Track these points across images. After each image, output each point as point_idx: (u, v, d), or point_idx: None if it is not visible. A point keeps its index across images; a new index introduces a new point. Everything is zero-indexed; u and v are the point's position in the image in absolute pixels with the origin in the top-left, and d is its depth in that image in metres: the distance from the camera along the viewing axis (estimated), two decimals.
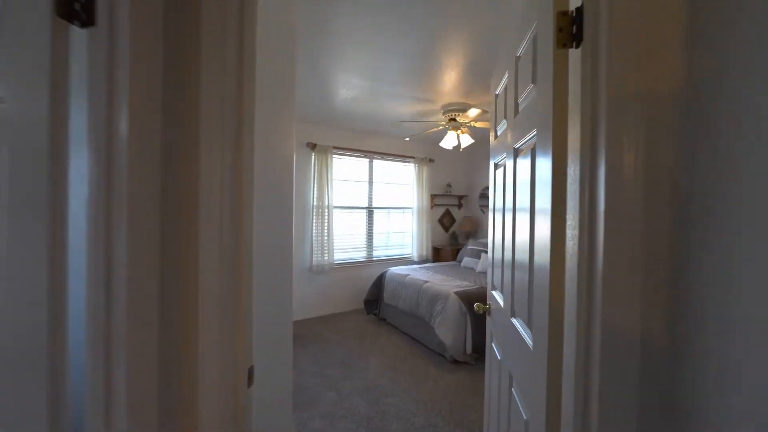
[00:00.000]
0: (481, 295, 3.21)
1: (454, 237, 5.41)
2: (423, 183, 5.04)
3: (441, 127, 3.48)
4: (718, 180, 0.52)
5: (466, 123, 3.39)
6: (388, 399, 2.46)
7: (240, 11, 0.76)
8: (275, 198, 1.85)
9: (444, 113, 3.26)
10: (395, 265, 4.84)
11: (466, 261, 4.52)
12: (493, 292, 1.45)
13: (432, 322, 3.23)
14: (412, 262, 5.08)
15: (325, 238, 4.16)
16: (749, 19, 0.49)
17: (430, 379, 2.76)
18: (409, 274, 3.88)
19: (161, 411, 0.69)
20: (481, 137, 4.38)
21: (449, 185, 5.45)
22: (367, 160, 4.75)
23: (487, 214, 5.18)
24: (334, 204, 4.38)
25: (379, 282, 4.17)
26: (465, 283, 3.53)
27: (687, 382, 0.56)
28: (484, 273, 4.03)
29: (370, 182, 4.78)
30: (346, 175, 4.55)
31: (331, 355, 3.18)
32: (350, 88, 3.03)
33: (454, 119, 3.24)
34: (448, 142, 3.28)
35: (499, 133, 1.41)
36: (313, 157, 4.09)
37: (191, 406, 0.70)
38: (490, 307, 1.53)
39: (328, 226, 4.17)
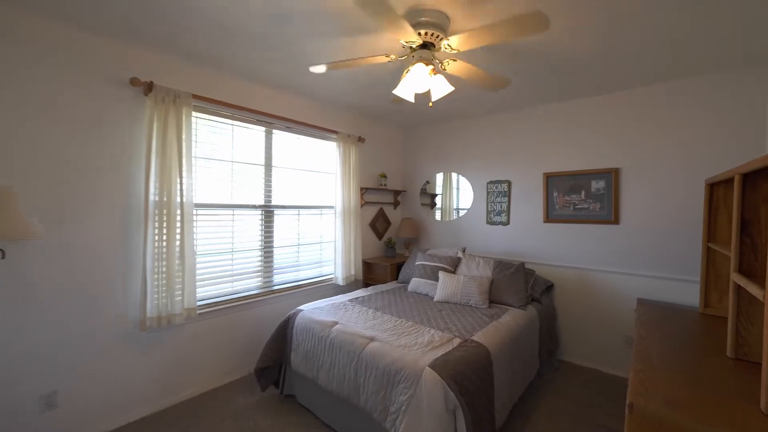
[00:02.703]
0: (478, 362, 1.80)
1: (390, 246, 3.97)
2: (350, 171, 3.45)
3: (391, 59, 1.93)
4: None
5: (445, 56, 1.92)
6: None
7: None
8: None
9: (420, 27, 1.72)
10: (310, 298, 3.13)
11: (417, 284, 3.10)
12: None
13: (389, 425, 1.68)
14: (336, 289, 3.45)
15: (176, 263, 2.21)
16: None
17: None
18: (336, 322, 2.24)
19: None
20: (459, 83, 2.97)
21: (384, 176, 3.98)
22: (263, 129, 2.93)
23: (434, 216, 3.87)
24: (197, 200, 2.46)
25: (283, 334, 2.42)
26: (436, 334, 2.07)
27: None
28: (453, 306, 2.65)
29: (268, 166, 2.97)
30: (222, 151, 2.66)
31: None
32: None
33: (428, 45, 1.76)
34: (413, 84, 1.78)
35: None
36: (147, 110, 2.10)
37: None
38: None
39: (182, 240, 2.23)
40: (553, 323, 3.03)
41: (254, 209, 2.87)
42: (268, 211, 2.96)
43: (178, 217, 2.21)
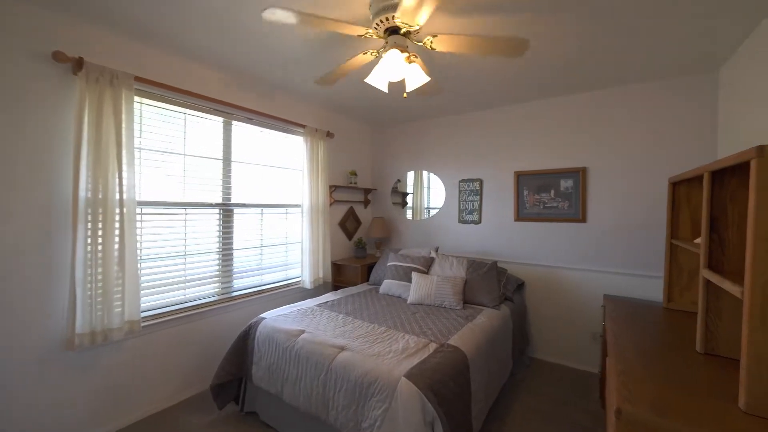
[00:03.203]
0: (455, 368, 1.70)
1: (360, 246, 3.82)
2: (318, 168, 3.25)
3: (374, 56, 1.81)
4: None
5: (420, 37, 1.81)
6: None
7: None
8: None
9: (376, 15, 1.60)
10: (275, 304, 2.91)
11: (389, 286, 2.97)
12: None
13: None
14: (304, 293, 3.24)
15: (115, 269, 1.91)
16: None
17: None
18: (303, 331, 2.05)
19: None
20: (436, 74, 2.87)
21: (354, 173, 3.82)
22: (221, 120, 2.67)
23: (405, 215, 3.78)
24: (142, 198, 2.17)
25: (243, 346, 2.20)
26: (411, 339, 1.96)
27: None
28: (427, 308, 2.56)
29: (227, 160, 2.71)
30: (173, 144, 2.37)
31: None
32: None
33: (397, 31, 1.64)
34: (386, 72, 1.64)
35: None
36: (77, 91, 1.79)
37: None
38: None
39: (122, 243, 1.94)
40: (524, 321, 3.04)
41: (211, 208, 2.60)
42: (226, 210, 2.70)
43: (117, 217, 1.92)
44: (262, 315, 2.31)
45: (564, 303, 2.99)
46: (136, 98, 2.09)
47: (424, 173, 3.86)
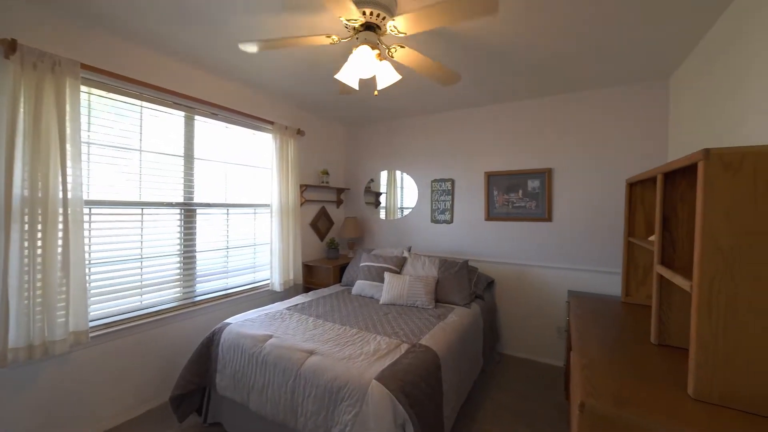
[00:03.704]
0: (426, 369, 1.70)
1: (333, 247, 3.76)
2: (288, 167, 3.16)
3: (335, 41, 1.74)
4: None
5: (392, 41, 1.79)
6: None
7: None
8: None
9: (360, 5, 1.54)
10: (242, 308, 2.79)
11: (362, 286, 2.94)
12: None
13: None
14: (273, 296, 3.13)
15: (58, 275, 1.74)
16: None
17: None
18: (271, 335, 1.97)
19: None
20: (397, 88, 2.85)
21: (326, 172, 3.75)
22: (182, 114, 2.51)
23: (379, 214, 3.76)
24: (91, 197, 2.00)
25: (206, 353, 2.08)
26: (383, 341, 1.93)
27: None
28: (400, 308, 2.54)
29: (189, 157, 2.56)
30: (128, 139, 2.20)
31: None
32: None
33: (373, 27, 1.60)
34: (357, 68, 1.60)
35: None
36: (10, 77, 1.61)
37: None
38: None
39: (67, 246, 1.77)
40: (494, 318, 3.11)
41: (171, 208, 2.44)
42: (189, 210, 2.55)
43: (61, 218, 1.75)
44: (227, 320, 2.20)
45: (532, 299, 3.08)
46: (84, 88, 1.92)
47: (398, 173, 3.86)
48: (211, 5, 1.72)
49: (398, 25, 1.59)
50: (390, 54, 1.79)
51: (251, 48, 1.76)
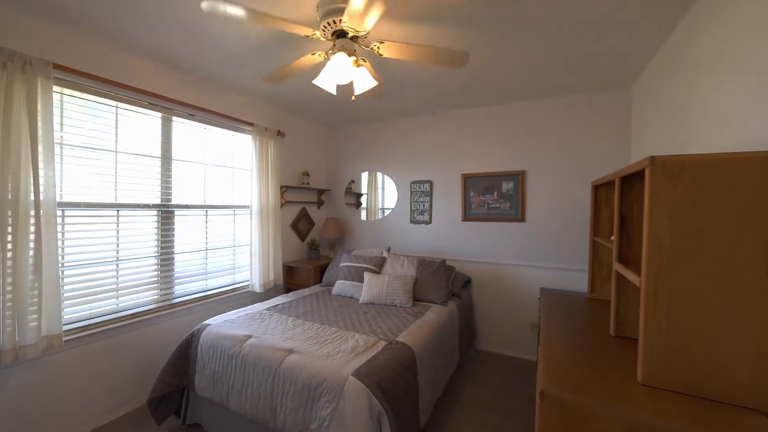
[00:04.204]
0: (402, 364, 1.76)
1: (314, 247, 3.78)
2: (268, 168, 3.16)
3: (322, 57, 1.80)
4: None
5: (367, 42, 1.84)
6: None
7: None
8: None
9: (324, 18, 1.61)
10: (222, 309, 2.78)
11: (342, 286, 2.98)
12: None
13: None
14: (253, 297, 3.13)
15: (29, 278, 1.71)
16: None
17: None
18: (250, 335, 1.99)
19: None
20: (386, 78, 2.88)
21: (306, 173, 3.77)
22: (159, 115, 2.49)
23: (359, 215, 3.81)
24: (65, 198, 1.96)
25: (185, 355, 2.08)
26: (360, 338, 1.98)
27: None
28: (378, 307, 2.60)
29: (166, 158, 2.54)
30: (103, 140, 2.17)
31: None
32: None
33: (345, 34, 1.65)
34: (334, 74, 1.65)
35: None
36: None
37: None
38: None
39: (39, 248, 1.74)
40: (471, 316, 3.21)
41: (148, 209, 2.42)
42: (166, 212, 2.53)
43: (32, 220, 1.72)
44: (207, 321, 2.20)
45: (507, 297, 3.21)
46: (56, 88, 1.89)
47: (378, 174, 3.92)
48: (189, 12, 1.72)
49: (378, 46, 1.66)
50: (377, 52, 1.80)
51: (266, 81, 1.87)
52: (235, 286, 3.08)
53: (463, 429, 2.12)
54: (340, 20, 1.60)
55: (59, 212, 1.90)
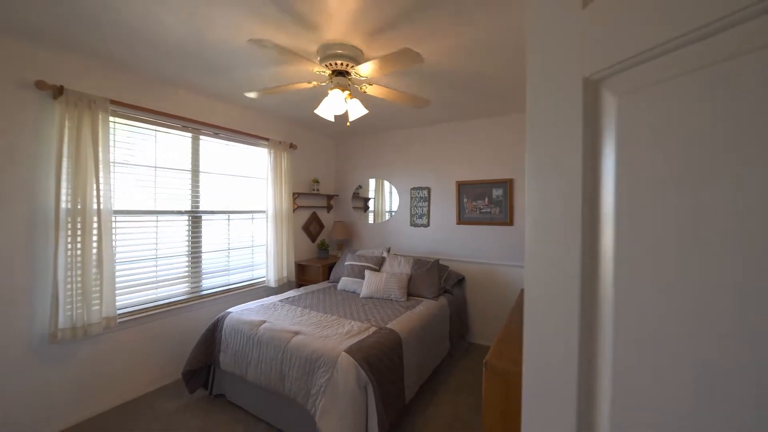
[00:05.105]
0: (389, 346, 2.12)
1: (323, 248, 4.18)
2: (282, 177, 3.58)
3: (314, 85, 2.19)
4: None
5: (359, 82, 2.21)
6: None
7: None
8: None
9: (323, 60, 1.98)
10: (241, 301, 3.22)
11: (346, 283, 3.36)
12: None
13: (310, 406, 1.91)
14: (269, 291, 3.56)
15: (93, 271, 2.18)
16: None
17: None
18: (265, 321, 2.40)
19: None
20: (376, 108, 3.28)
21: (316, 181, 4.18)
22: (189, 135, 2.94)
23: (366, 218, 4.18)
24: (116, 207, 2.43)
25: (211, 337, 2.51)
26: (355, 325, 2.35)
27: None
28: (376, 300, 2.97)
29: (195, 171, 2.99)
30: (145, 157, 2.63)
31: None
32: None
33: (343, 73, 2.02)
34: (331, 106, 2.02)
35: None
36: (56, 114, 2.04)
37: None
38: None
39: (100, 248, 2.20)
40: (464, 311, 3.52)
41: (180, 215, 2.87)
42: (195, 217, 2.98)
43: (95, 225, 2.18)
44: (229, 309, 2.63)
45: (497, 295, 3.50)
46: (112, 118, 2.35)
47: (385, 181, 4.28)
48: (218, 60, 2.14)
49: (360, 71, 2.01)
50: (363, 90, 2.19)
51: (253, 95, 2.26)
52: (253, 281, 3.51)
53: (446, 405, 2.45)
54: (345, 64, 1.98)
55: (113, 218, 2.36)
